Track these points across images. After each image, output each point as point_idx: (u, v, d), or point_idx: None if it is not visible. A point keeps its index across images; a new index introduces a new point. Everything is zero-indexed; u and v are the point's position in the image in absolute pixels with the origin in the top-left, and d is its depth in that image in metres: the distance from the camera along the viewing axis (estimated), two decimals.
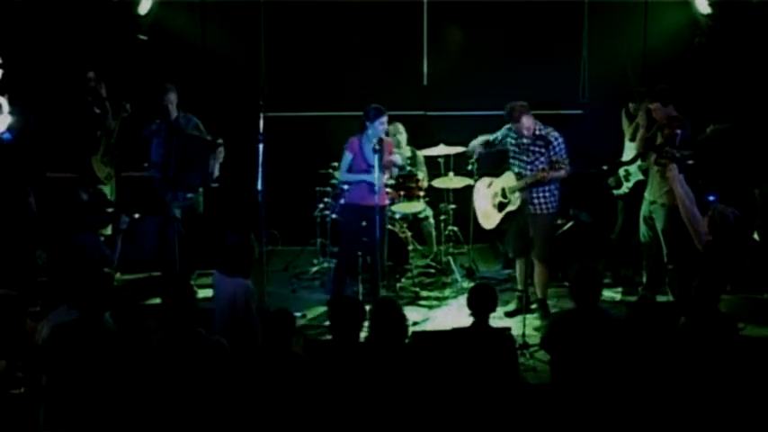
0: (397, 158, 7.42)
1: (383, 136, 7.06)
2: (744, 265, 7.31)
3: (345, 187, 7.28)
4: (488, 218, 7.18)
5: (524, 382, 5.64)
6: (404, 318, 4.89)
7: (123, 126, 7.88)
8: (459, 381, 4.80)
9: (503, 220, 7.10)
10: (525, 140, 6.83)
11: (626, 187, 7.61)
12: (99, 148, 7.81)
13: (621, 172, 7.61)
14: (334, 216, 7.85)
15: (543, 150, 6.74)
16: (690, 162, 6.50)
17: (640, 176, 7.47)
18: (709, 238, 5.80)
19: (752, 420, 4.60)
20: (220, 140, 7.35)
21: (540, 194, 6.80)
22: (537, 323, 6.84)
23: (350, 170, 7.14)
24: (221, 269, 5.60)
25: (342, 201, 7.39)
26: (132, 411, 4.50)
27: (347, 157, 7.12)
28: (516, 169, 6.91)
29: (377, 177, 6.90)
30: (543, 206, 6.83)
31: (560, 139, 6.78)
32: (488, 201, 7.15)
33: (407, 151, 8.35)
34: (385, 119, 7.01)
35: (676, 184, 5.97)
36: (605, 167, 7.76)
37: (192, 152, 7.23)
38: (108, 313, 4.87)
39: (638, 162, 7.45)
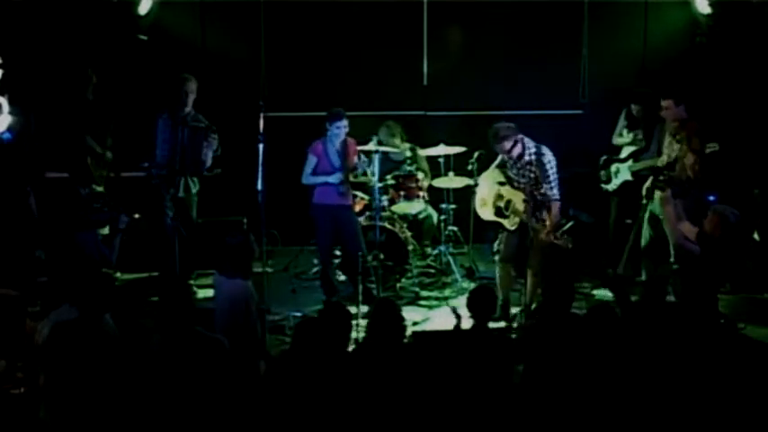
0: (359, 162, 7.34)
1: (340, 139, 7.13)
2: (744, 266, 7.33)
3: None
4: (483, 207, 7.01)
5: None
6: (402, 319, 4.89)
7: (123, 125, 7.85)
8: (459, 381, 4.79)
9: (493, 222, 6.97)
10: (518, 162, 6.70)
11: (614, 184, 7.62)
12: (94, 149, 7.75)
13: (613, 168, 7.64)
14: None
15: (535, 172, 6.61)
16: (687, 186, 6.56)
17: (628, 177, 7.49)
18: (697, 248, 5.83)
19: (751, 420, 4.60)
20: (213, 127, 7.35)
21: (544, 212, 6.68)
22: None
23: (314, 173, 7.21)
24: (221, 271, 5.59)
25: (312, 201, 7.42)
26: (131, 411, 4.50)
27: (311, 160, 7.22)
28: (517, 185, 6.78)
29: (337, 178, 7.07)
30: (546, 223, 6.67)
31: (552, 163, 6.60)
32: (491, 195, 6.94)
33: (407, 150, 8.34)
34: (342, 123, 7.08)
35: (669, 206, 6.02)
36: (604, 157, 7.78)
37: (193, 144, 7.27)
38: (108, 314, 4.87)
39: (630, 162, 7.48)
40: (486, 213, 7.02)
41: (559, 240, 6.41)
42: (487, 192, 6.99)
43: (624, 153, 7.69)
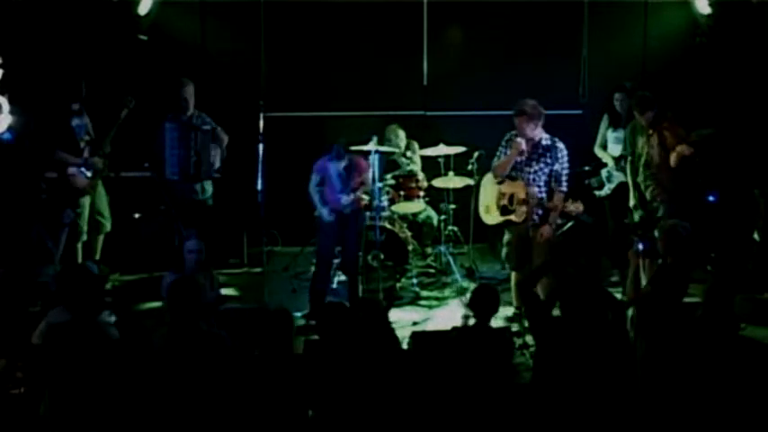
0: (368, 178, 7.21)
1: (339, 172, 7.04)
2: (744, 267, 7.33)
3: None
4: (489, 213, 6.85)
5: (524, 382, 5.63)
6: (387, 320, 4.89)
7: (124, 125, 7.81)
8: (459, 380, 4.79)
9: (502, 223, 6.80)
10: (535, 149, 6.55)
11: (608, 188, 7.60)
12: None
13: (604, 173, 7.62)
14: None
15: (547, 161, 6.51)
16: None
17: (623, 178, 7.48)
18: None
19: (751, 421, 4.60)
20: (218, 128, 7.35)
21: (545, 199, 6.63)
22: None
23: (321, 184, 7.08)
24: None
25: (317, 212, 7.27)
26: (132, 411, 4.50)
27: (314, 178, 7.08)
28: (523, 176, 6.59)
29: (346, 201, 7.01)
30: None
31: (565, 152, 6.53)
32: (493, 197, 6.80)
33: (402, 152, 8.34)
34: (338, 164, 6.99)
35: (635, 259, 5.98)
36: (587, 168, 7.77)
37: (204, 148, 7.26)
38: (107, 313, 4.87)
39: (618, 164, 7.49)
40: (493, 218, 6.81)
41: (571, 207, 6.42)
42: (489, 196, 6.84)
43: (614, 149, 7.69)
